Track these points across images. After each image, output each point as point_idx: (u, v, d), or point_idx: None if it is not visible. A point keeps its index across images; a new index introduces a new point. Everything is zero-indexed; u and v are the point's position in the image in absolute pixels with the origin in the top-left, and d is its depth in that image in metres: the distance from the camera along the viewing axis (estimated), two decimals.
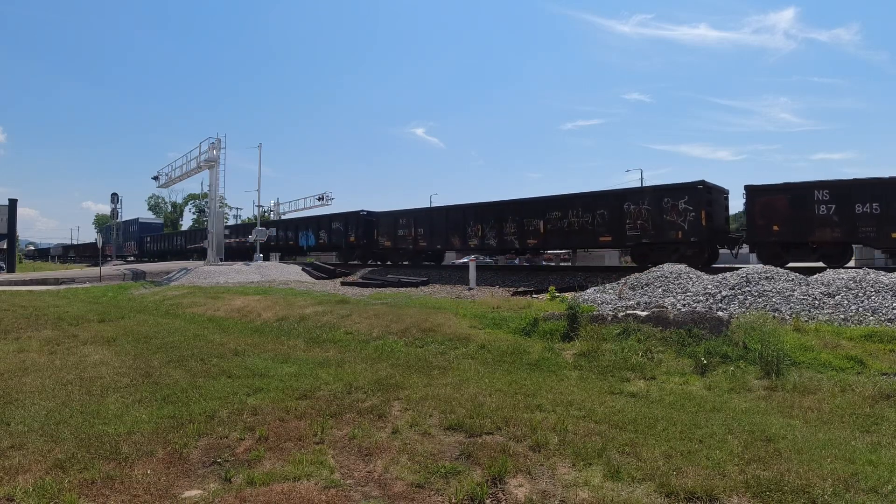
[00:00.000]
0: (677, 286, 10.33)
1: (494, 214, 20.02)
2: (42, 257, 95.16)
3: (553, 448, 3.89)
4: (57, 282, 24.50)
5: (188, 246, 49.44)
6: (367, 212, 26.39)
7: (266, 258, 29.89)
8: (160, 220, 62.52)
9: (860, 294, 8.36)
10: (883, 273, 9.17)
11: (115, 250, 53.89)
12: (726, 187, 16.68)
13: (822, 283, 8.94)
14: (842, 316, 7.88)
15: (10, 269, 33.29)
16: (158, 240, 50.90)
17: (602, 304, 9.94)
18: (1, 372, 6.53)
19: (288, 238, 32.13)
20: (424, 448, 3.95)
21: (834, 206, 13.29)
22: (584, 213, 17.38)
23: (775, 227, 14.09)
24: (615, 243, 17.24)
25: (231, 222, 52.42)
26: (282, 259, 29.86)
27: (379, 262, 25.96)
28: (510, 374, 6.33)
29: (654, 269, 11.91)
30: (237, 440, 4.15)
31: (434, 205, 24.69)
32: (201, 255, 37.87)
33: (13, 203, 33.96)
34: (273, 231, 34.88)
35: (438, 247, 22.80)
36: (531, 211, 18.90)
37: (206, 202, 38.73)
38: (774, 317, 7.62)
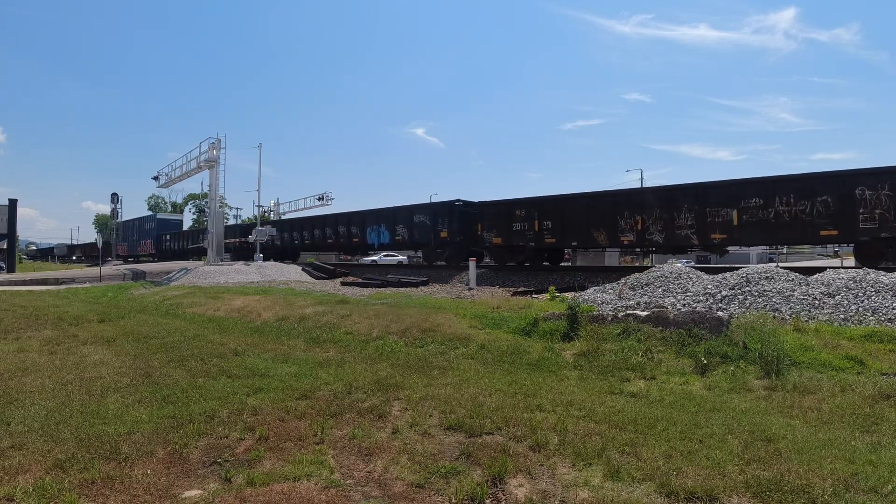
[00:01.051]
0: (677, 286, 10.33)
1: (661, 202, 15.85)
2: (45, 257, 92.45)
3: (553, 448, 3.89)
4: (57, 282, 24.51)
5: (189, 246, 48.69)
6: (464, 201, 21.67)
7: (296, 260, 28.94)
8: (179, 217, 56.05)
9: (860, 294, 8.35)
10: (883, 273, 9.16)
11: (130, 249, 50.87)
12: None
13: (822, 283, 8.94)
14: (842, 316, 7.87)
15: (10, 269, 33.29)
16: (179, 237, 45.22)
17: (602, 304, 9.94)
18: (1, 372, 6.53)
19: (326, 236, 27.72)
20: (424, 448, 3.95)
21: None
22: (797, 199, 13.63)
23: None
24: (842, 238, 13.76)
25: (231, 222, 50.60)
26: (330, 274, 23.42)
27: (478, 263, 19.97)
28: (510, 374, 6.32)
29: (654, 269, 11.91)
30: (237, 440, 4.15)
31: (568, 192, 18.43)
32: (204, 254, 36.70)
33: (13, 203, 33.97)
34: (274, 231, 33.27)
35: (574, 243, 18.13)
36: (718, 197, 14.80)
37: (206, 202, 37.52)
38: (774, 317, 7.62)
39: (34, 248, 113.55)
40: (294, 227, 31.23)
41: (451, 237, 21.22)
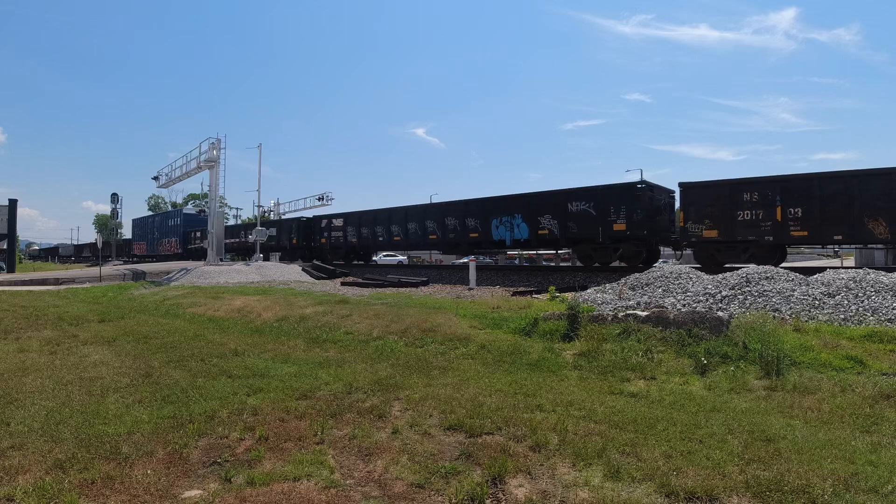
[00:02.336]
0: (677, 286, 10.33)
1: None
2: (49, 257, 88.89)
3: (553, 448, 3.89)
4: (57, 282, 24.51)
5: (189, 246, 47.43)
6: (647, 184, 16.52)
7: (367, 262, 27.02)
8: (205, 212, 54.85)
9: (860, 294, 8.35)
10: (883, 273, 9.16)
11: (150, 248, 46.44)
12: None
13: (822, 283, 8.94)
14: (842, 316, 7.87)
15: (10, 269, 33.29)
16: (201, 235, 40.06)
17: (602, 304, 9.94)
18: (1, 372, 6.53)
19: (426, 230, 22.22)
20: (424, 448, 3.95)
21: None
22: None
23: None
24: None
25: (231, 222, 48.76)
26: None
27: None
28: (510, 375, 6.32)
29: (654, 269, 11.91)
30: (237, 440, 4.15)
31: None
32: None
33: (13, 203, 33.95)
34: (273, 231, 31.75)
35: (838, 237, 13.64)
36: None
37: (206, 202, 36.40)
38: (774, 317, 7.62)
39: (36, 247, 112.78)
40: (370, 221, 25.31)
41: (633, 230, 15.99)
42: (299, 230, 30.67)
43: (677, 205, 16.63)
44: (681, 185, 15.53)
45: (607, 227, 16.62)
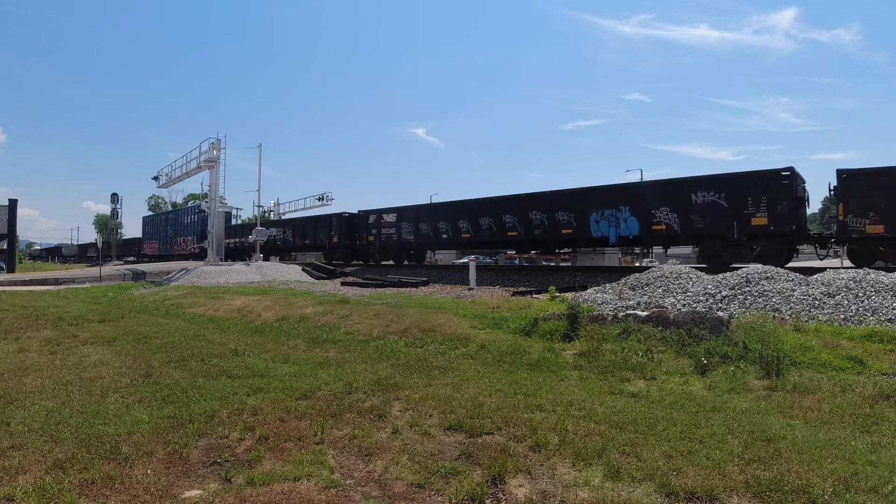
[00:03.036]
0: (677, 286, 10.32)
1: None
2: (51, 257, 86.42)
3: (553, 448, 3.89)
4: (57, 282, 24.50)
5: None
6: (792, 171, 13.84)
7: (421, 262, 24.36)
8: (228, 208, 44.97)
9: (860, 294, 8.35)
10: (883, 273, 9.16)
11: (163, 248, 43.71)
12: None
13: (823, 283, 8.94)
14: (842, 316, 7.87)
15: (10, 269, 33.29)
16: (231, 233, 37.46)
17: (602, 304, 9.94)
18: (1, 372, 6.53)
19: (504, 226, 19.64)
20: (424, 448, 3.95)
21: None
22: None
23: None
24: None
25: (231, 222, 45.10)
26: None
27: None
28: (510, 375, 6.32)
29: (654, 269, 11.91)
30: (237, 440, 4.15)
31: None
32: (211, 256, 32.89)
33: (13, 203, 33.96)
34: (273, 231, 30.63)
35: None
36: None
37: (206, 202, 36.35)
38: (774, 317, 7.62)
39: (38, 247, 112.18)
40: (431, 216, 22.44)
41: (776, 224, 13.72)
42: (341, 227, 27.41)
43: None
44: (840, 172, 13.35)
45: (744, 222, 14.21)
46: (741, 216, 14.31)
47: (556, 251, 21.44)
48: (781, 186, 13.82)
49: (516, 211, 19.38)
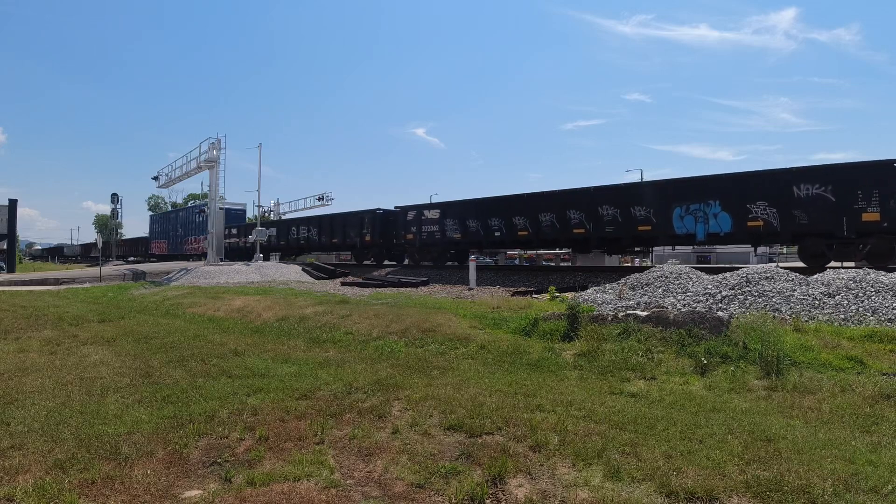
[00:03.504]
0: (677, 286, 10.32)
1: None
2: (53, 257, 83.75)
3: (553, 448, 3.89)
4: (57, 282, 24.51)
5: (151, 251, 43.68)
6: None
7: (443, 263, 21.79)
8: (242, 206, 40.55)
9: (860, 294, 8.35)
10: (883, 273, 9.16)
11: (172, 247, 41.28)
12: None
13: (822, 283, 8.94)
14: (842, 316, 7.87)
15: (10, 269, 33.29)
16: (245, 231, 34.47)
17: (602, 304, 9.94)
18: (1, 372, 6.53)
19: (569, 222, 17.52)
20: (424, 448, 3.95)
21: None
22: None
23: None
24: None
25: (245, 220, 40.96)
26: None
27: None
28: (510, 375, 6.32)
29: (654, 268, 11.91)
30: (237, 440, 4.15)
31: None
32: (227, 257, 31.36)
33: (13, 203, 33.99)
34: (273, 231, 29.69)
35: None
36: None
37: (206, 202, 34.05)
38: (774, 317, 7.62)
39: (39, 247, 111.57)
40: (481, 212, 20.25)
41: (890, 220, 12.48)
42: (374, 224, 25.16)
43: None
44: None
45: (853, 217, 12.80)
46: (851, 211, 12.83)
47: (631, 250, 19.47)
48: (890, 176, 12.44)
49: (584, 206, 17.32)
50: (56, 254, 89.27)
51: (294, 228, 31.26)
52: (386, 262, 26.27)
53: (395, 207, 24.44)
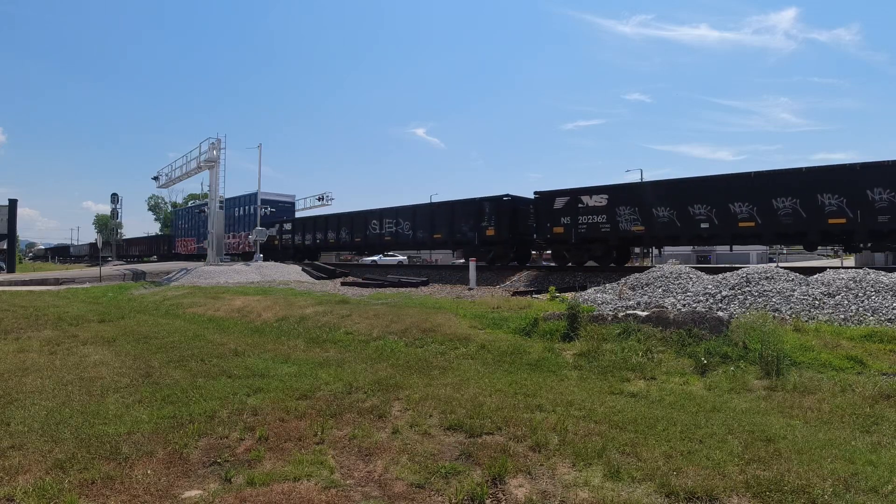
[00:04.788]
0: (677, 286, 10.32)
1: None
2: (54, 257, 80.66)
3: (553, 448, 3.89)
4: (57, 282, 24.51)
5: (172, 249, 41.52)
6: None
7: (607, 263, 16.55)
8: (290, 197, 34.54)
9: (860, 294, 8.35)
10: (883, 273, 9.16)
11: (202, 247, 34.82)
12: None
13: (823, 283, 8.94)
14: (842, 316, 7.87)
15: (11, 269, 33.29)
16: (302, 227, 29.15)
17: (602, 304, 9.94)
18: (1, 372, 6.53)
19: (694, 216, 14.78)
20: (424, 448, 3.95)
21: None
22: None
23: None
24: None
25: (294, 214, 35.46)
26: None
27: None
28: (510, 375, 6.32)
29: (654, 268, 11.91)
30: (237, 440, 4.14)
31: None
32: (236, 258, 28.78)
33: (13, 203, 33.98)
34: (274, 231, 28.09)
35: None
36: None
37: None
38: (774, 317, 7.62)
39: (41, 247, 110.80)
40: (660, 197, 15.66)
41: None
42: (500, 214, 19.40)
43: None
44: None
45: None
46: None
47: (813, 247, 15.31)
48: None
49: (765, 193, 13.98)
50: (62, 254, 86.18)
51: (375, 222, 24.81)
52: (512, 263, 20.45)
53: (536, 193, 18.65)
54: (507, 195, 19.72)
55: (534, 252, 23.07)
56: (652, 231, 16.08)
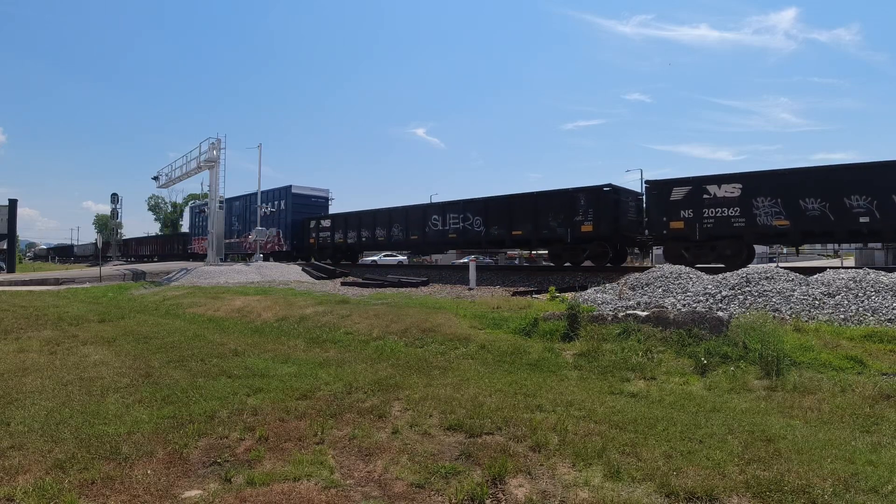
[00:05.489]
0: (677, 286, 10.32)
1: None
2: (62, 258, 78.73)
3: (553, 448, 3.89)
4: (57, 282, 24.52)
5: (178, 247, 40.77)
6: None
7: (735, 265, 12.77)
8: (324, 192, 31.45)
9: (860, 294, 8.35)
10: (883, 273, 9.16)
11: (220, 246, 30.46)
12: None
13: (823, 283, 8.94)
14: (842, 316, 7.87)
15: (11, 269, 33.29)
16: (344, 223, 26.24)
17: (602, 304, 9.94)
18: (1, 372, 6.53)
19: (850, 209, 12.79)
20: (424, 448, 3.95)
21: None
22: None
23: None
24: None
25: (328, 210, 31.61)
26: None
27: None
28: (510, 375, 6.32)
29: (654, 268, 11.91)
30: (237, 440, 4.15)
31: None
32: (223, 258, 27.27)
33: (13, 203, 33.98)
34: (275, 231, 27.47)
35: None
36: None
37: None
38: (774, 317, 7.62)
39: (44, 247, 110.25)
40: (853, 184, 12.90)
41: None
42: (598, 207, 16.79)
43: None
44: None
45: None
46: None
47: None
48: None
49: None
50: (66, 254, 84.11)
51: (436, 217, 21.83)
52: (609, 264, 17.76)
53: (646, 182, 16.46)
54: (608, 185, 16.92)
55: (634, 250, 20.11)
56: (798, 226, 13.91)
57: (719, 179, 14.92)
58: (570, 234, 17.44)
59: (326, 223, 27.60)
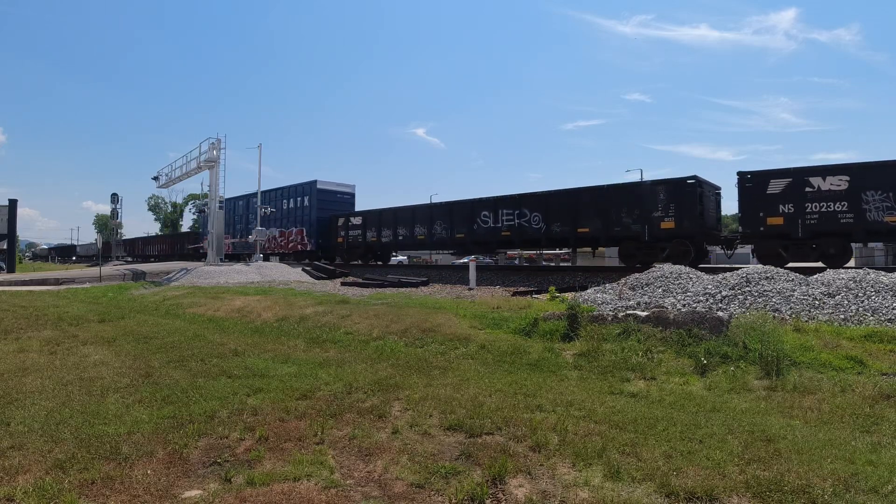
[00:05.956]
0: (677, 286, 10.32)
1: None
2: (64, 258, 77.65)
3: (553, 448, 3.89)
4: (57, 282, 24.52)
5: (189, 247, 43.05)
6: None
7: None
8: (350, 188, 29.36)
9: (860, 294, 8.35)
10: (883, 273, 9.16)
11: (239, 245, 31.67)
12: None
13: (823, 284, 8.94)
14: (842, 316, 7.87)
15: (11, 269, 33.29)
16: (378, 220, 24.33)
17: (602, 304, 9.94)
18: (1, 372, 6.53)
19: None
20: (424, 448, 3.95)
21: None
22: None
23: None
24: None
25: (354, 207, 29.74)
26: None
27: None
28: (510, 375, 6.32)
29: (654, 268, 11.90)
30: (237, 440, 4.15)
31: None
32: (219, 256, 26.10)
33: (13, 203, 33.97)
34: (276, 231, 27.54)
35: None
36: None
37: (206, 202, 30.69)
38: (774, 317, 7.62)
39: (44, 247, 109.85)
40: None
41: None
42: (680, 201, 15.35)
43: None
44: None
45: None
46: None
47: None
48: None
49: None
50: (68, 254, 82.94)
51: (487, 214, 19.92)
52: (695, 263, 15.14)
53: (739, 174, 14.66)
54: (692, 177, 15.42)
55: (719, 248, 18.07)
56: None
57: (824, 171, 13.66)
58: (648, 232, 15.90)
59: (357, 220, 25.41)
